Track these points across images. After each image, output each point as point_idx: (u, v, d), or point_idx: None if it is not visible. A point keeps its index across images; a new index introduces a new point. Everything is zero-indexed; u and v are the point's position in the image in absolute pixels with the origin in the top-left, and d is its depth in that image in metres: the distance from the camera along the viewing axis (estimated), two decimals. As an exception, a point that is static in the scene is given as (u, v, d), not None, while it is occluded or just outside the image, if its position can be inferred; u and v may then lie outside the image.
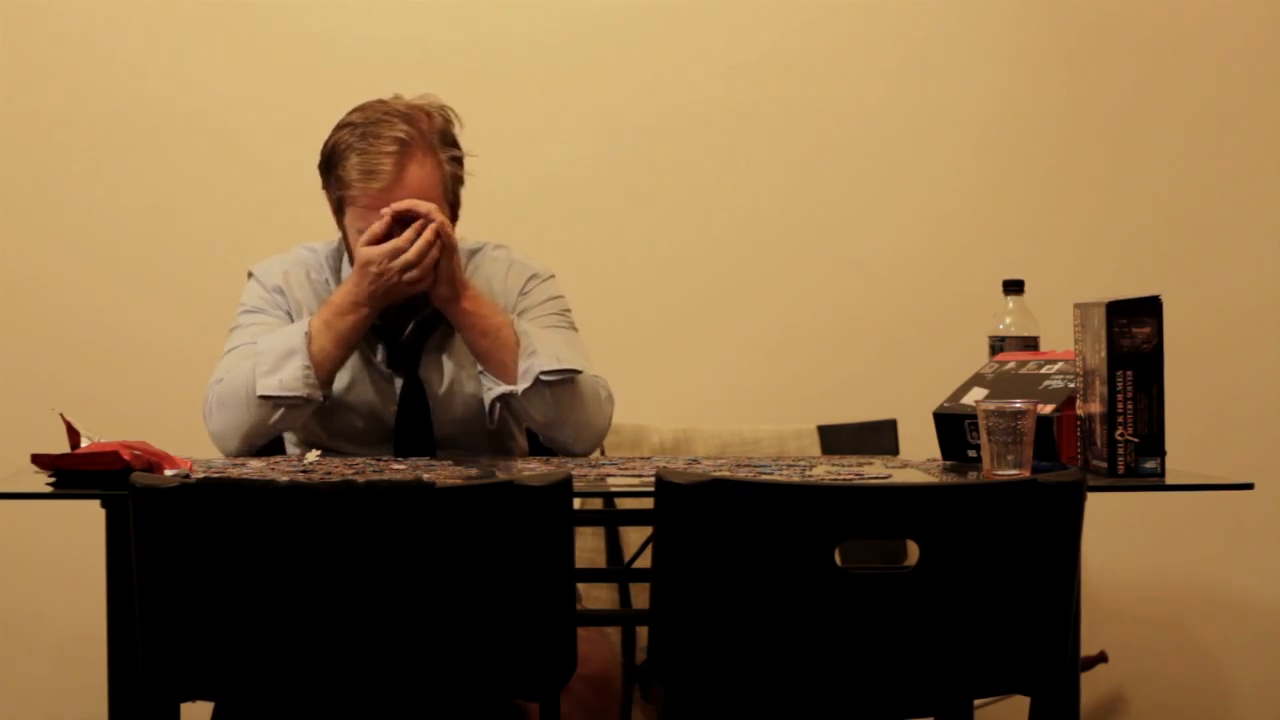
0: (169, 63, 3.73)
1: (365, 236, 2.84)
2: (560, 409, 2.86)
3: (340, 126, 2.90)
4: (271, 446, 2.91)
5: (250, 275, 3.00)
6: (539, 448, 3.08)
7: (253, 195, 3.73)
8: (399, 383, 2.92)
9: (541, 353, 2.84)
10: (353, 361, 2.91)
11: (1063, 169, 3.81)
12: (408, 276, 2.82)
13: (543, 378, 2.83)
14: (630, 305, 3.75)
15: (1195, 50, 3.81)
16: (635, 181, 3.78)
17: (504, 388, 2.86)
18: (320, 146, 2.86)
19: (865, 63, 3.79)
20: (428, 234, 2.81)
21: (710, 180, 3.79)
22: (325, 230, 2.98)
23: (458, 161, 2.91)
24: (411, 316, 2.92)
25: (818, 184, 3.80)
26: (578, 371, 2.85)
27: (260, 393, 2.80)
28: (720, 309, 3.79)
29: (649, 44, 3.78)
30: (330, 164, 2.88)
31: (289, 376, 2.80)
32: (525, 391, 2.84)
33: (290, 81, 3.74)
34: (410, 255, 2.81)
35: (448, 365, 2.95)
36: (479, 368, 2.90)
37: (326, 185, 2.90)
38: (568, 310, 2.99)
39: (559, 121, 3.77)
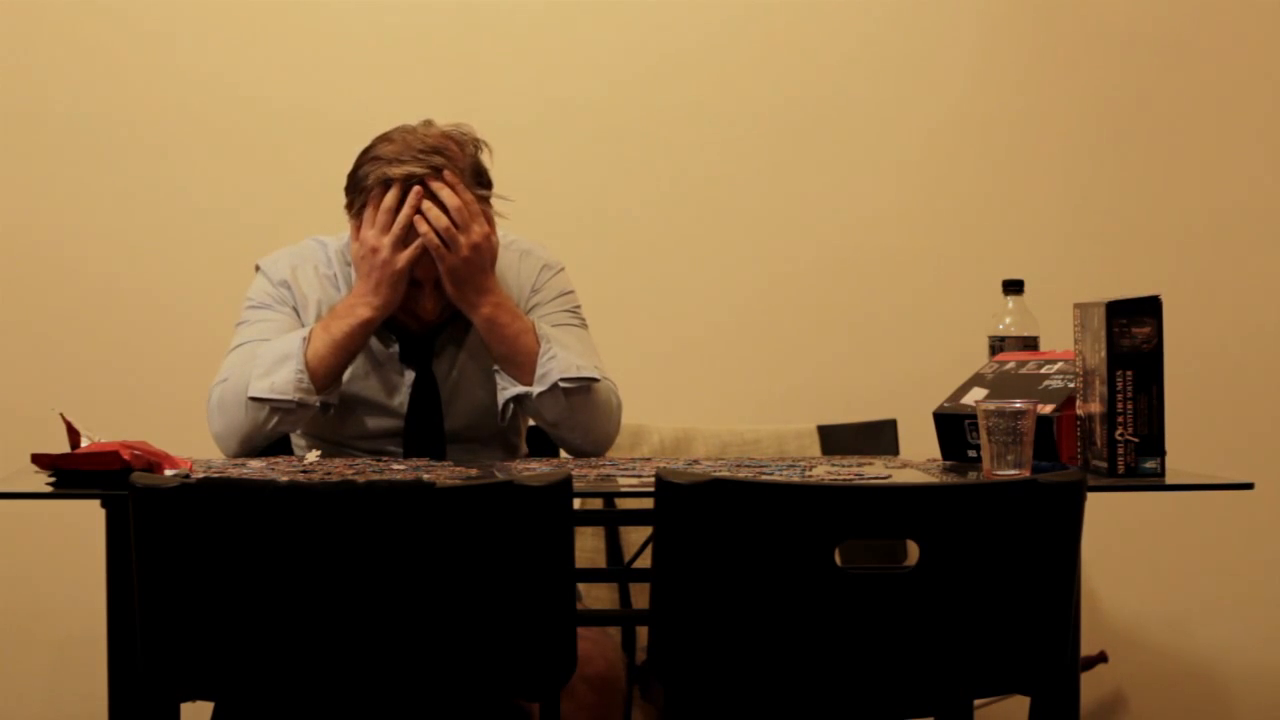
0: (171, 59, 3.73)
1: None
2: (573, 412, 2.86)
3: (370, 159, 2.86)
4: (276, 446, 2.90)
5: (257, 269, 2.98)
6: (539, 449, 3.08)
7: (255, 192, 3.73)
8: (409, 378, 2.92)
9: (561, 357, 2.84)
10: (360, 358, 2.90)
11: (1063, 169, 3.81)
12: (395, 231, 2.80)
13: (561, 384, 2.83)
14: (630, 305, 3.75)
15: (1195, 50, 3.81)
16: (635, 181, 3.78)
17: (520, 388, 2.86)
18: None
19: (866, 64, 3.79)
20: (412, 199, 2.81)
21: (711, 180, 3.79)
22: (330, 226, 2.98)
23: (487, 200, 2.87)
24: (425, 322, 2.90)
25: (819, 184, 3.80)
26: (595, 380, 2.86)
27: (251, 394, 2.79)
28: (720, 309, 3.79)
29: (651, 43, 3.78)
30: (357, 194, 2.85)
31: (281, 380, 2.80)
32: (540, 394, 2.84)
33: (294, 77, 3.74)
34: (387, 203, 2.80)
35: (460, 361, 2.94)
36: (494, 367, 2.89)
37: (350, 207, 2.88)
38: (578, 306, 3.00)
39: (560, 120, 3.77)
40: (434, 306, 2.87)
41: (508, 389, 2.87)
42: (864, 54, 3.79)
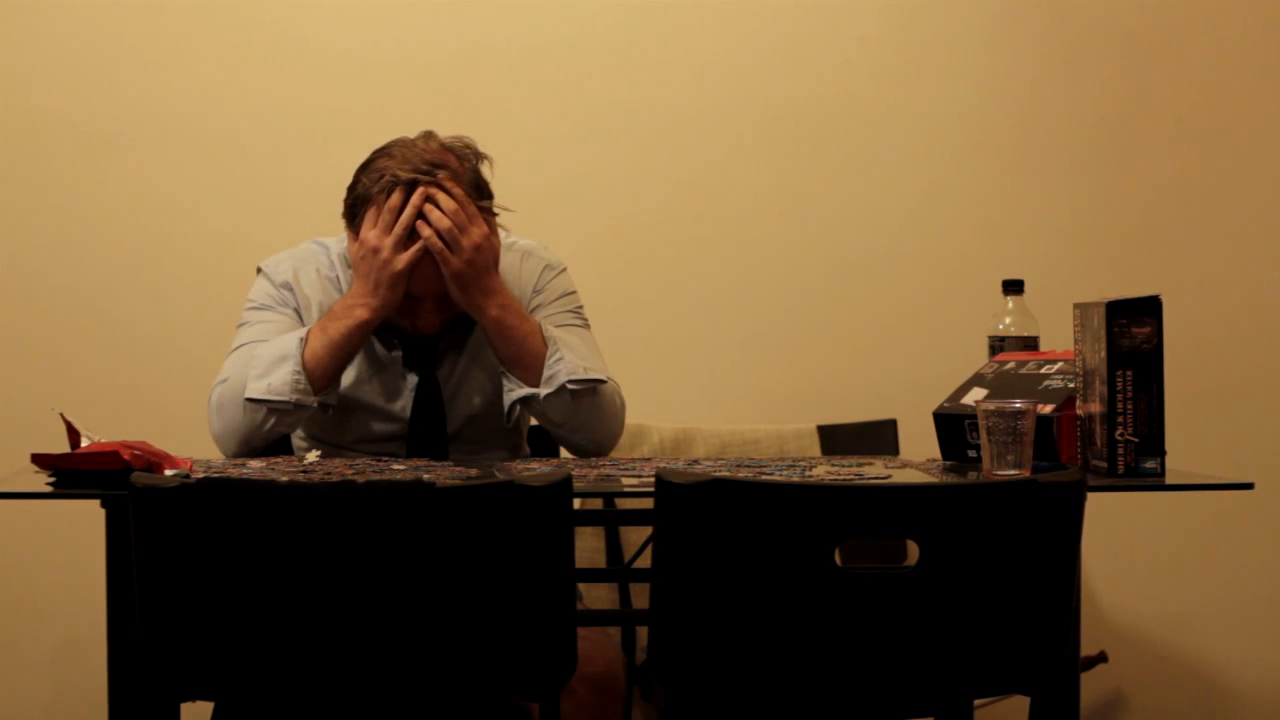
0: (171, 60, 3.73)
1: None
2: (579, 413, 2.86)
3: (369, 172, 2.85)
4: (277, 446, 2.91)
5: (259, 271, 2.98)
6: (540, 449, 3.08)
7: (255, 192, 3.72)
8: (412, 382, 2.92)
9: (567, 359, 2.84)
10: (363, 362, 2.90)
11: (1063, 169, 3.81)
12: (396, 232, 2.80)
13: (568, 386, 2.83)
14: (630, 305, 3.75)
15: (1195, 50, 3.81)
16: (636, 181, 3.78)
17: (526, 390, 2.85)
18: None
19: (866, 64, 3.79)
20: (415, 199, 2.80)
21: (710, 180, 3.79)
22: (331, 229, 2.98)
23: (488, 211, 2.86)
24: (425, 329, 2.90)
25: (818, 184, 3.80)
26: (602, 381, 2.86)
27: (248, 395, 2.79)
28: (720, 309, 3.79)
29: (650, 44, 3.78)
30: (357, 209, 2.85)
31: (278, 381, 2.79)
32: (547, 396, 2.84)
33: (294, 77, 3.74)
34: (391, 203, 2.80)
35: (461, 364, 2.94)
36: (500, 369, 2.89)
37: (349, 216, 2.87)
38: (580, 307, 3.00)
39: (560, 122, 3.76)
40: (435, 321, 2.87)
41: (514, 391, 2.87)
42: (865, 55, 3.79)
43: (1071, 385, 2.58)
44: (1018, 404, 2.40)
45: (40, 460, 2.41)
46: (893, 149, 3.80)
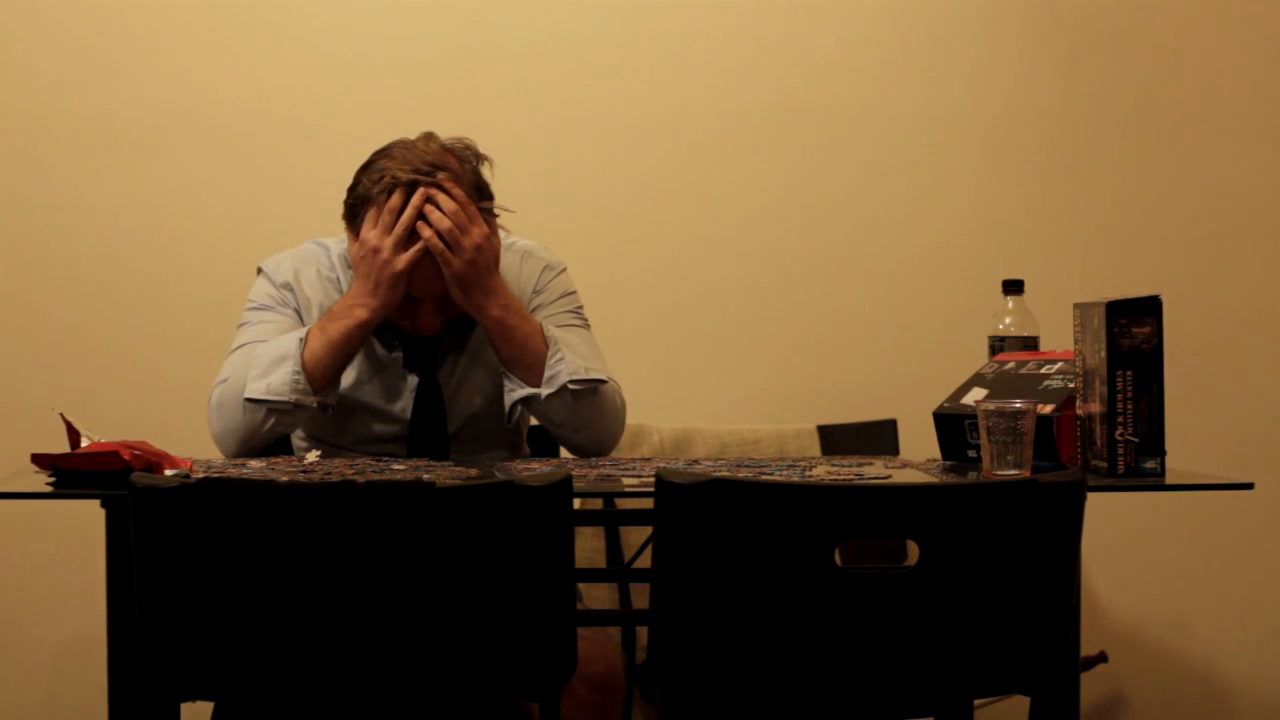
0: (169, 59, 3.73)
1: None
2: (580, 413, 2.86)
3: (369, 173, 2.85)
4: (277, 446, 2.91)
5: (259, 271, 2.98)
6: (540, 449, 3.08)
7: (255, 192, 3.72)
8: (412, 383, 2.92)
9: (569, 359, 2.84)
10: (363, 362, 2.90)
11: (1063, 169, 3.81)
12: (396, 232, 2.80)
13: (570, 386, 2.83)
14: (631, 305, 3.75)
15: (1195, 50, 3.81)
16: (636, 181, 3.78)
17: (528, 390, 2.85)
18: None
19: (865, 63, 3.79)
20: (416, 199, 2.80)
21: (711, 180, 3.79)
22: (331, 229, 2.98)
23: (489, 213, 2.87)
24: (425, 330, 2.90)
25: (818, 184, 3.80)
26: (603, 381, 2.86)
27: (247, 395, 2.79)
28: (720, 309, 3.79)
29: (650, 45, 3.78)
30: (357, 210, 2.85)
31: (277, 381, 2.79)
32: (549, 396, 2.84)
33: (294, 77, 3.73)
34: (391, 204, 2.80)
35: (461, 364, 2.94)
36: (500, 369, 2.89)
37: (349, 218, 2.87)
38: (580, 307, 3.00)
39: (560, 122, 3.76)
40: (435, 322, 2.88)
41: (515, 391, 2.87)
42: (864, 53, 3.79)
43: (1071, 385, 2.58)
44: (1018, 404, 2.40)
45: (40, 460, 2.41)
46: (893, 148, 3.80)
